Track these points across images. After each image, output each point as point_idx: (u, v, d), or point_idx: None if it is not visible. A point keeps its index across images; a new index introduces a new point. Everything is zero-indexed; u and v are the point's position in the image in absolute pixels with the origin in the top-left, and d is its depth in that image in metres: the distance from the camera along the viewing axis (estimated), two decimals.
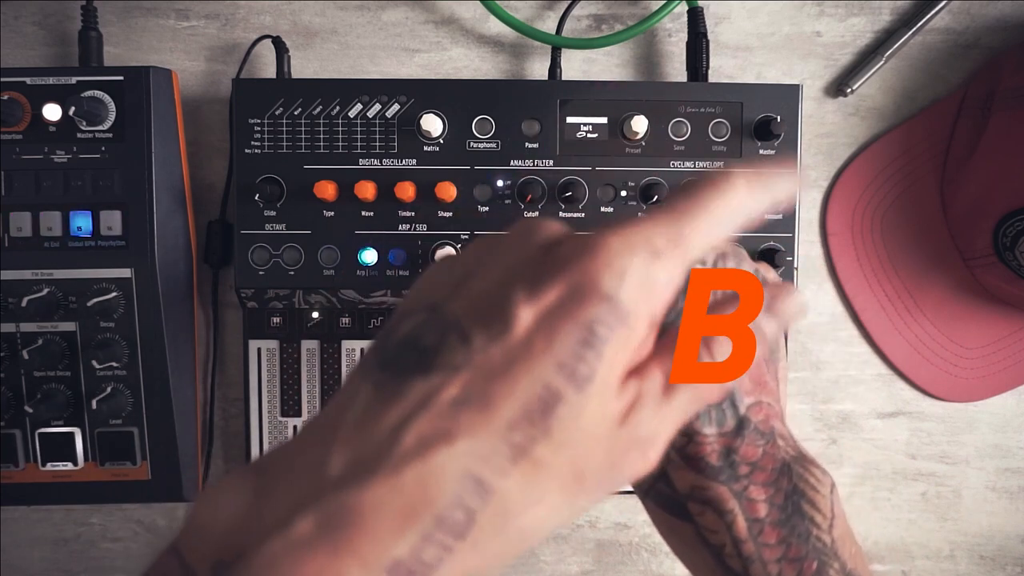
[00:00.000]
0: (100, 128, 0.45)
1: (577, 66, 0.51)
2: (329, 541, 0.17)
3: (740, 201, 0.22)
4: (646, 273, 0.20)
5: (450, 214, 0.46)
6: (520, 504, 0.19)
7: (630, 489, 0.50)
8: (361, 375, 0.20)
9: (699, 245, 0.21)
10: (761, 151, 0.46)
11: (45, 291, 0.45)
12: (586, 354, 0.19)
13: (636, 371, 0.21)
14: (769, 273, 0.30)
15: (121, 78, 0.45)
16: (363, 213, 0.46)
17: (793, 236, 0.46)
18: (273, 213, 0.45)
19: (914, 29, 0.50)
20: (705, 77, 0.48)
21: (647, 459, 0.21)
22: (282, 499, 0.19)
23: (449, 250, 0.45)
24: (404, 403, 0.19)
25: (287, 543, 0.17)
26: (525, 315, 0.19)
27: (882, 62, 0.50)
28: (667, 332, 0.22)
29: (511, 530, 0.19)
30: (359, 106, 0.45)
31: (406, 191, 0.45)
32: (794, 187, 0.24)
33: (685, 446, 0.26)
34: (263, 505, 0.19)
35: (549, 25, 0.51)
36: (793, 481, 0.27)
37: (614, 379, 0.20)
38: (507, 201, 0.46)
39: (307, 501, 0.18)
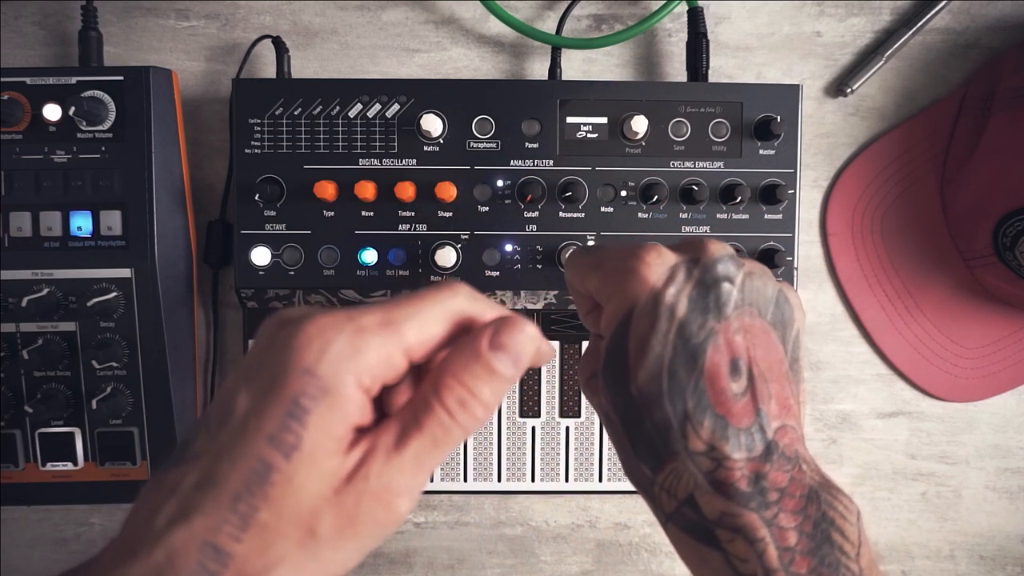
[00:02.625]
0: (100, 128, 0.45)
1: (577, 66, 0.51)
2: None
3: (456, 303, 0.25)
4: (351, 346, 0.22)
5: (450, 214, 0.46)
6: (259, 564, 0.21)
7: (631, 489, 0.50)
8: None
9: (411, 329, 0.24)
10: (761, 151, 0.46)
11: (45, 291, 0.45)
12: (292, 425, 0.22)
13: (375, 431, 0.23)
14: (791, 294, 0.30)
15: (121, 78, 0.45)
16: (363, 213, 0.46)
17: (793, 236, 0.46)
18: (273, 213, 0.45)
19: (914, 29, 0.50)
20: (705, 77, 0.48)
21: (392, 508, 0.23)
22: None
23: (449, 250, 0.45)
24: (160, 493, 0.22)
25: None
26: (243, 400, 0.22)
27: (882, 62, 0.50)
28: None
29: None
30: (359, 106, 0.45)
31: (406, 191, 0.45)
32: (525, 342, 0.25)
33: (714, 471, 0.26)
34: None
35: (549, 25, 0.51)
36: (821, 508, 0.26)
37: (329, 442, 0.22)
38: (507, 201, 0.46)
39: None
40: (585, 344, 0.49)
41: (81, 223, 0.45)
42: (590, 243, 0.46)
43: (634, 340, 0.27)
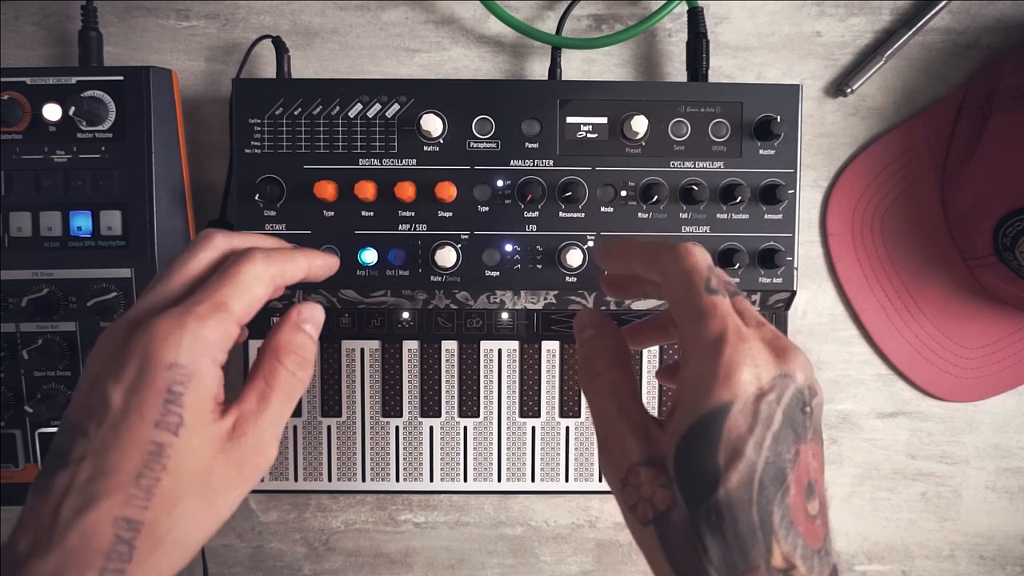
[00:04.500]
0: (100, 128, 0.45)
1: (577, 66, 0.51)
2: None
3: (261, 271, 0.31)
4: (197, 335, 0.27)
5: (450, 214, 0.46)
6: (167, 523, 0.26)
7: None
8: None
9: (237, 304, 0.29)
10: (761, 151, 0.46)
11: (45, 291, 0.45)
12: (172, 408, 0.27)
13: (241, 395, 0.30)
14: (744, 304, 0.31)
15: (121, 78, 0.45)
16: (363, 213, 0.46)
17: (793, 236, 0.46)
18: (273, 213, 0.45)
19: (914, 29, 0.50)
20: (705, 77, 0.48)
21: (267, 455, 0.30)
22: None
23: (449, 250, 0.45)
24: (55, 492, 0.26)
25: None
26: (116, 398, 0.26)
27: (882, 62, 0.50)
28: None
29: (169, 543, 0.26)
30: (359, 106, 0.45)
31: (406, 191, 0.45)
32: (304, 265, 0.34)
33: None
34: None
35: (549, 25, 0.51)
36: None
37: (205, 414, 0.28)
38: (507, 201, 0.46)
39: None
40: None
41: (81, 223, 0.45)
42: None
43: (728, 437, 0.26)
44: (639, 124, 0.44)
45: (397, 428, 0.49)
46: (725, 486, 0.26)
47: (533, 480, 0.50)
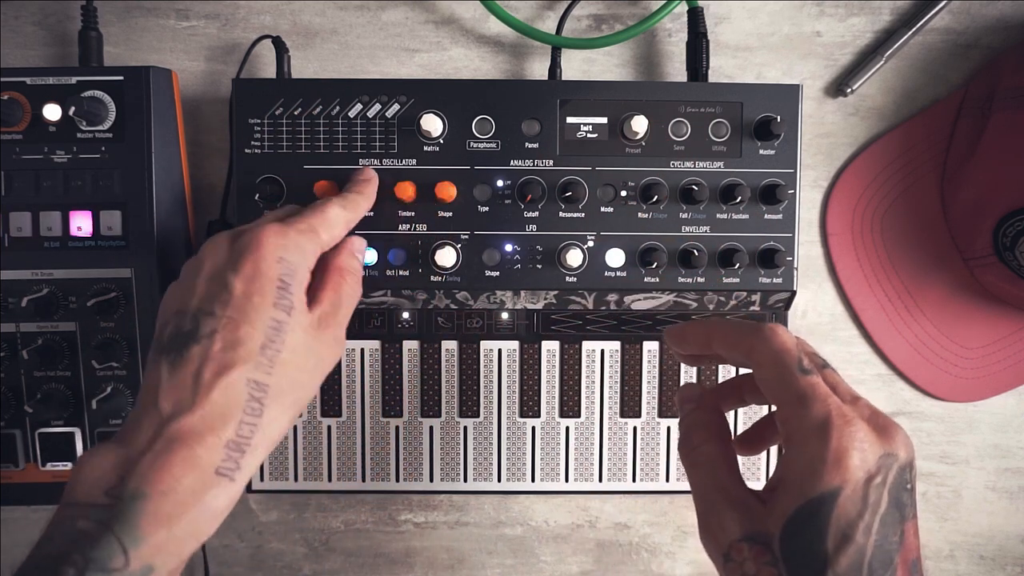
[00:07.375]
0: (100, 128, 0.45)
1: (577, 66, 0.51)
2: (183, 445, 0.29)
3: (340, 213, 0.39)
4: (298, 242, 0.35)
5: (450, 214, 0.46)
6: (285, 386, 0.32)
7: (631, 489, 0.50)
8: (153, 362, 0.32)
9: (324, 235, 0.37)
10: (761, 151, 0.46)
11: (45, 291, 0.45)
12: (285, 293, 0.33)
13: (317, 299, 0.36)
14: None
15: (121, 78, 0.45)
16: None
17: (793, 236, 0.46)
18: None
19: (914, 29, 0.50)
20: (705, 77, 0.48)
21: (341, 348, 0.37)
22: (139, 440, 0.30)
23: (449, 250, 0.45)
24: (192, 361, 0.31)
25: (154, 456, 0.29)
26: (238, 285, 0.32)
27: (882, 62, 0.50)
28: None
29: (286, 400, 0.33)
30: (359, 106, 0.45)
31: (406, 191, 0.45)
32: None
33: None
34: (128, 450, 0.30)
35: (549, 25, 0.51)
36: None
37: (304, 304, 0.34)
38: (507, 201, 0.46)
39: (158, 433, 0.30)
40: (587, 344, 0.49)
41: (81, 223, 0.45)
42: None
43: (837, 523, 0.26)
44: (639, 124, 0.44)
45: (397, 428, 0.49)
46: (834, 570, 0.26)
47: (533, 480, 0.50)
